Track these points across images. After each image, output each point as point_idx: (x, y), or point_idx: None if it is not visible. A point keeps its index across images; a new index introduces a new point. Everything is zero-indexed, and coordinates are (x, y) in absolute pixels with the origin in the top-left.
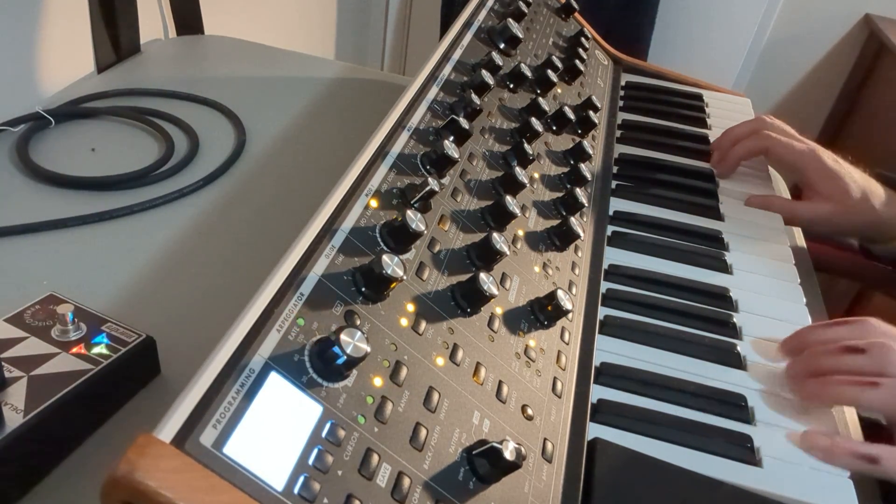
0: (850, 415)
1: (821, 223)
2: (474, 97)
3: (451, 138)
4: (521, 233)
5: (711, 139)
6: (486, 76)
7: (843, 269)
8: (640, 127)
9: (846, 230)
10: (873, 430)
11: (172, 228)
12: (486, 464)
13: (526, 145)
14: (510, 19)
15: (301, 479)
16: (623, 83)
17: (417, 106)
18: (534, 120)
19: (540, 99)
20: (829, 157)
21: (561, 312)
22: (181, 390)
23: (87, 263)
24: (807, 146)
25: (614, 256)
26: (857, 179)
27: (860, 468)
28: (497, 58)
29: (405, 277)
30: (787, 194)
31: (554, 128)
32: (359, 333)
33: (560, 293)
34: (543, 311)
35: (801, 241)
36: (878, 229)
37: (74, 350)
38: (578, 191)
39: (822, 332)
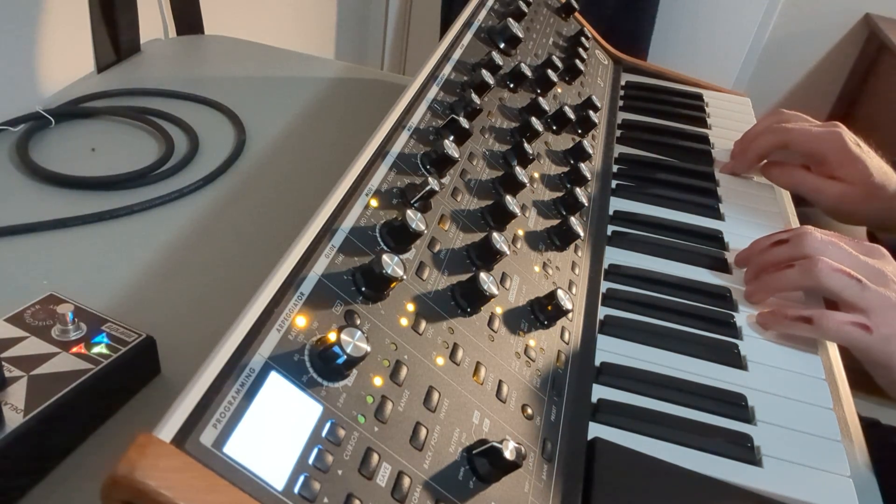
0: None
1: (834, 204)
2: (474, 97)
3: (451, 138)
4: (521, 232)
5: (711, 139)
6: (486, 76)
7: None
8: (640, 127)
9: (857, 215)
10: (873, 429)
11: (172, 228)
12: (486, 463)
13: (526, 145)
14: (510, 19)
15: (301, 478)
16: (623, 83)
17: (417, 106)
18: (534, 119)
19: (540, 99)
20: (850, 139)
21: (561, 312)
22: (181, 390)
23: (87, 263)
24: (826, 129)
25: (614, 256)
26: (877, 165)
27: (800, 332)
28: (497, 57)
29: (405, 277)
30: (786, 194)
31: (554, 127)
32: (359, 333)
33: (560, 293)
34: (543, 311)
35: None
36: (889, 216)
37: (74, 350)
38: (578, 190)
39: (763, 239)
